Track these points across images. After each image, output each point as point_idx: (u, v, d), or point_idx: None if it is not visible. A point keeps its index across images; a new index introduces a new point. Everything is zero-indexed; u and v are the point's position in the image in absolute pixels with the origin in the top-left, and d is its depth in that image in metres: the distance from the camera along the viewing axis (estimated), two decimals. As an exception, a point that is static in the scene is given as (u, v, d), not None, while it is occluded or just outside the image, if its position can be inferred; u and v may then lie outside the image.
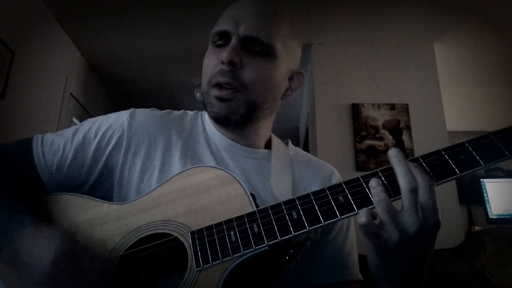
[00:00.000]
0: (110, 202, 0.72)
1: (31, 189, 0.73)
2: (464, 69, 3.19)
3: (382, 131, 2.67)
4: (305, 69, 3.08)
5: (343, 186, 0.60)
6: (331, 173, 0.88)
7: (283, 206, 0.60)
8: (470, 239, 2.24)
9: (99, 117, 0.84)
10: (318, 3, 2.51)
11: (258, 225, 0.59)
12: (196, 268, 0.58)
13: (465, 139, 0.60)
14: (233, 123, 0.80)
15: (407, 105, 2.72)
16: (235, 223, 0.60)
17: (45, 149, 0.77)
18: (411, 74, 2.82)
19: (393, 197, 0.57)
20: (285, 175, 0.82)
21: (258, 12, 0.80)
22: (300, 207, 0.59)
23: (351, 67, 2.86)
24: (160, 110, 0.90)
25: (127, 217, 0.67)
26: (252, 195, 0.65)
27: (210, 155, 0.82)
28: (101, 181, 0.78)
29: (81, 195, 0.73)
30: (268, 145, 0.90)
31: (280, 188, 0.79)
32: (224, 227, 0.60)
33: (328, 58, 2.89)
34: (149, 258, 0.63)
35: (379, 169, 0.60)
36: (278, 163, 0.84)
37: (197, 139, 0.85)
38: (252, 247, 0.57)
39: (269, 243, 0.58)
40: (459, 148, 0.60)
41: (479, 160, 0.58)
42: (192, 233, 0.62)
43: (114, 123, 0.81)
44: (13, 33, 2.17)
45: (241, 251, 0.58)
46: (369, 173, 0.61)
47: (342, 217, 0.58)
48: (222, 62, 0.76)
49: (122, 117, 0.83)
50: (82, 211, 0.69)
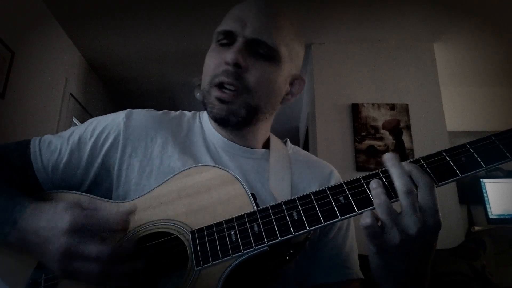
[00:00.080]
0: (110, 201, 0.72)
1: (29, 188, 0.73)
2: (464, 69, 3.19)
3: (382, 131, 2.66)
4: (305, 69, 3.08)
5: (344, 186, 0.60)
6: (330, 172, 0.88)
7: (283, 206, 0.60)
8: (470, 239, 2.24)
9: (96, 118, 0.85)
10: (318, 3, 2.51)
11: (258, 225, 0.59)
12: (196, 267, 0.58)
13: (465, 139, 0.60)
14: (232, 124, 0.80)
15: (407, 105, 2.72)
16: (235, 222, 0.60)
17: (42, 149, 0.78)
18: (411, 74, 2.82)
19: (393, 198, 0.57)
20: (283, 175, 0.82)
21: (264, 15, 0.80)
22: (301, 207, 0.59)
23: (351, 67, 2.86)
24: (160, 110, 0.90)
25: None
26: (253, 194, 0.65)
27: (208, 155, 0.82)
28: (99, 182, 0.78)
29: (80, 193, 0.73)
30: (267, 145, 0.90)
31: (279, 188, 0.79)
32: (224, 226, 0.61)
33: (328, 58, 2.89)
34: (149, 257, 0.63)
35: (380, 170, 0.60)
36: (276, 163, 0.84)
37: (195, 139, 0.85)
38: (252, 247, 0.58)
39: (269, 243, 0.58)
40: (461, 149, 0.60)
41: (480, 162, 0.58)
42: (193, 232, 0.62)
43: (110, 124, 0.81)
44: (13, 33, 2.17)
45: (241, 251, 0.58)
46: (370, 173, 0.61)
47: (342, 217, 0.58)
48: (227, 63, 0.76)
49: (119, 117, 0.83)
50: None
